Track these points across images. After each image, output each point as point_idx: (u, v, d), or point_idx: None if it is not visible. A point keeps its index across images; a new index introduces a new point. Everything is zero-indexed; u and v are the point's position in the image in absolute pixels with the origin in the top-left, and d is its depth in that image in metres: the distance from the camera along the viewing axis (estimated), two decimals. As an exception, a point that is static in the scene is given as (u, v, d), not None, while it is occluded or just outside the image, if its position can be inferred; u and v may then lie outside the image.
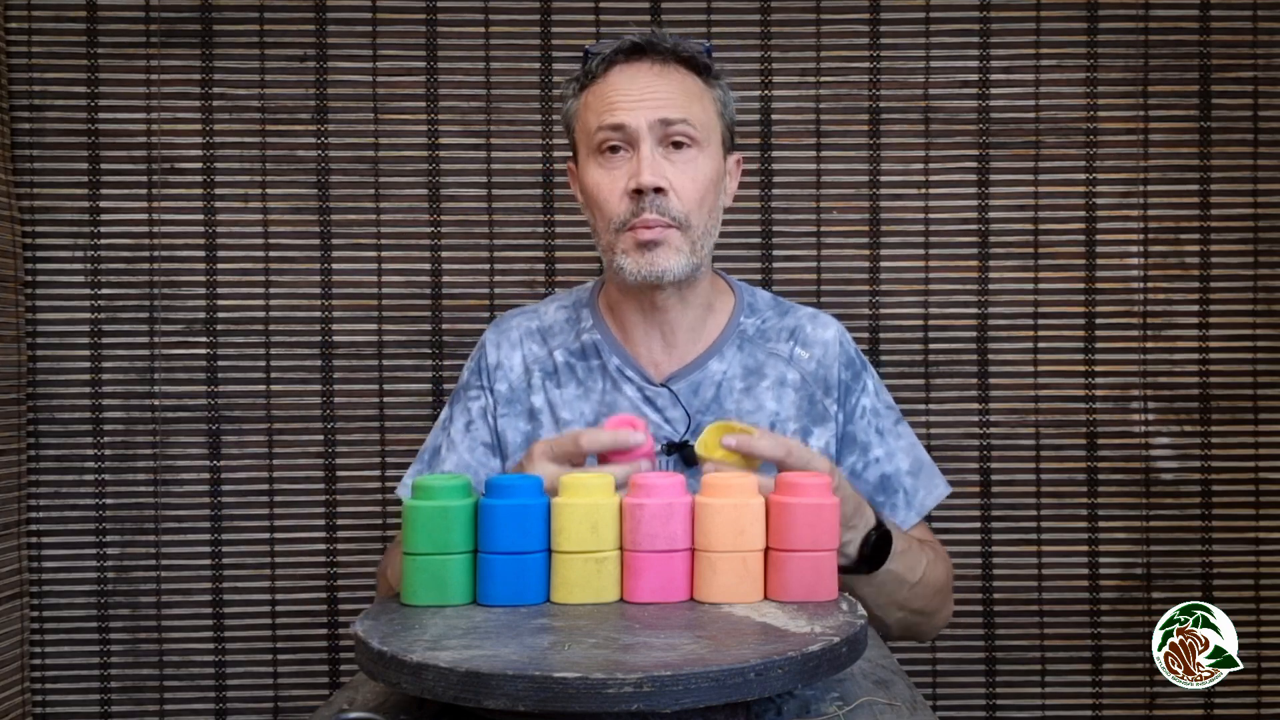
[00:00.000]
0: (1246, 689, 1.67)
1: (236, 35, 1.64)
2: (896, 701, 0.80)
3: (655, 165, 1.05)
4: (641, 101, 1.05)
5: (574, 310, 1.19)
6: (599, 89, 1.08)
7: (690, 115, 1.06)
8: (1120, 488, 1.67)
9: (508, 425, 1.15)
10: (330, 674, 1.67)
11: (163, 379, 1.65)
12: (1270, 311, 1.67)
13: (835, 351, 1.15)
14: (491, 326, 1.21)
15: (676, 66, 1.09)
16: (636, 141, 1.05)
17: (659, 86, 1.06)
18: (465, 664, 0.67)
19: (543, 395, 1.14)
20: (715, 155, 1.10)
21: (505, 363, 1.17)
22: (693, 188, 1.06)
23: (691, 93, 1.08)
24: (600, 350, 1.14)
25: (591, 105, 1.09)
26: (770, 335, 1.16)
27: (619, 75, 1.08)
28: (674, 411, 1.11)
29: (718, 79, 1.12)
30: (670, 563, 0.84)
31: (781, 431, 1.11)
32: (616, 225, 1.07)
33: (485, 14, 1.65)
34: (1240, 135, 1.66)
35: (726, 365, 1.13)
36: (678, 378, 1.13)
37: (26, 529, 1.63)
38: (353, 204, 1.66)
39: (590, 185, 1.09)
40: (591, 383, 1.14)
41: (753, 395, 1.12)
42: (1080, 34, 1.66)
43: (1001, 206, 1.67)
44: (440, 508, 0.83)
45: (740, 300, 1.18)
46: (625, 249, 1.06)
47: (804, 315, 1.18)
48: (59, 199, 1.64)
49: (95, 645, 1.65)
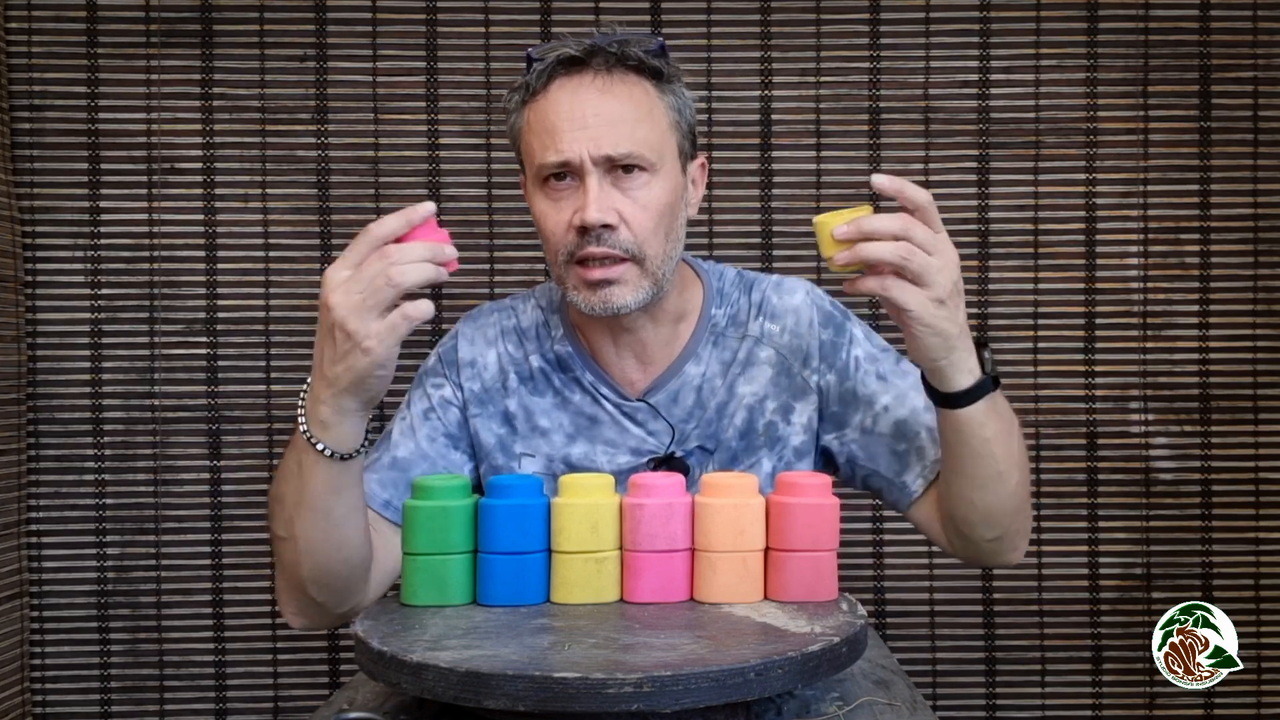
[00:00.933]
0: (1246, 689, 1.67)
1: (236, 35, 1.64)
2: (896, 701, 0.80)
3: (602, 199, 0.97)
4: (584, 130, 0.97)
5: (546, 314, 1.13)
6: (540, 107, 1.01)
7: (637, 142, 0.98)
8: (1120, 488, 1.67)
9: (481, 426, 1.10)
10: (330, 674, 1.67)
11: (163, 379, 1.65)
12: (1270, 311, 1.67)
13: (808, 316, 1.09)
14: (465, 319, 1.15)
15: (623, 76, 1.01)
16: (581, 174, 0.98)
17: (603, 109, 0.98)
18: (465, 664, 0.67)
19: (518, 400, 1.10)
20: (670, 174, 1.02)
21: (479, 360, 1.11)
22: (644, 217, 0.99)
23: (640, 109, 1.00)
24: (573, 364, 1.09)
25: (534, 128, 1.01)
26: (740, 318, 1.10)
27: (559, 92, 1.00)
28: (656, 424, 1.07)
29: (670, 82, 1.04)
30: (670, 563, 0.84)
31: (760, 411, 1.07)
32: (564, 258, 1.00)
33: (485, 14, 1.65)
34: (1240, 135, 1.66)
35: (704, 366, 1.08)
36: (655, 390, 1.07)
37: (26, 529, 1.63)
38: (353, 204, 1.66)
39: (537, 214, 1.03)
40: (569, 393, 1.09)
41: (729, 386, 1.08)
42: (1080, 34, 1.66)
43: (1001, 206, 1.67)
44: (440, 508, 0.83)
45: (709, 289, 1.11)
46: (575, 285, 1.01)
47: (768, 286, 1.12)
48: (59, 199, 1.64)
49: (95, 645, 1.65)
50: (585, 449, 1.08)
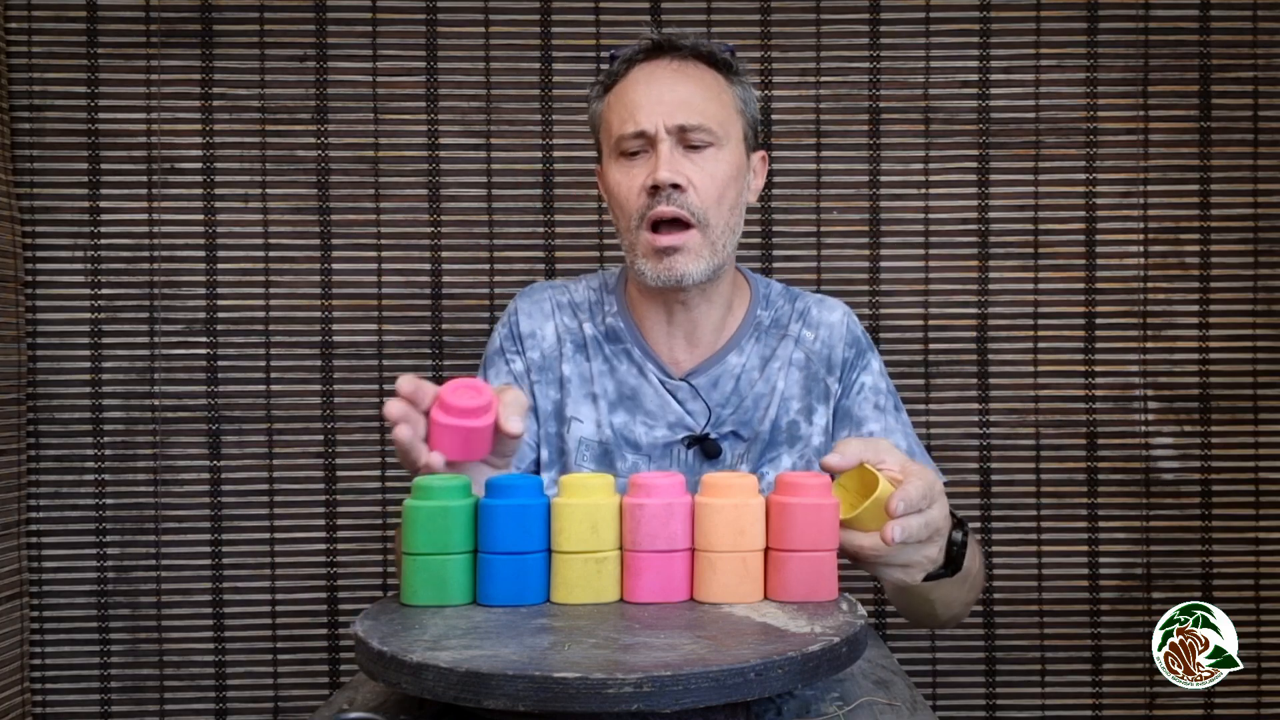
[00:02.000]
0: (1246, 689, 1.67)
1: (236, 35, 1.64)
2: (896, 701, 0.80)
3: (673, 162, 1.06)
4: (660, 104, 1.07)
5: (600, 294, 1.21)
6: (620, 90, 1.11)
7: (707, 117, 1.08)
8: (1120, 488, 1.67)
9: (539, 393, 1.17)
10: (330, 674, 1.67)
11: (163, 379, 1.65)
12: (1270, 311, 1.67)
13: (841, 332, 1.17)
14: (520, 295, 1.22)
15: (695, 63, 1.11)
16: (655, 143, 1.07)
17: (677, 86, 1.08)
18: (465, 664, 0.67)
19: (573, 365, 1.17)
20: (735, 151, 1.11)
21: (538, 331, 1.18)
22: (711, 184, 1.08)
23: (710, 90, 1.10)
24: (623, 337, 1.17)
25: (613, 107, 1.11)
26: (782, 321, 1.18)
27: (638, 74, 1.10)
28: (694, 404, 1.14)
29: (740, 76, 1.14)
30: (670, 563, 0.83)
31: (785, 410, 1.14)
32: (635, 220, 1.08)
33: (485, 14, 1.65)
34: (1240, 135, 1.66)
35: (745, 358, 1.16)
36: (698, 372, 1.15)
37: (26, 529, 1.63)
38: (353, 204, 1.66)
39: (612, 185, 1.11)
40: (616, 363, 1.16)
41: (766, 378, 1.15)
42: (1080, 34, 1.66)
43: (1001, 206, 1.67)
44: (440, 508, 0.83)
45: (756, 293, 1.20)
46: (645, 253, 1.09)
47: (812, 300, 1.21)
48: (59, 199, 1.64)
49: (95, 645, 1.65)
50: (625, 419, 1.14)
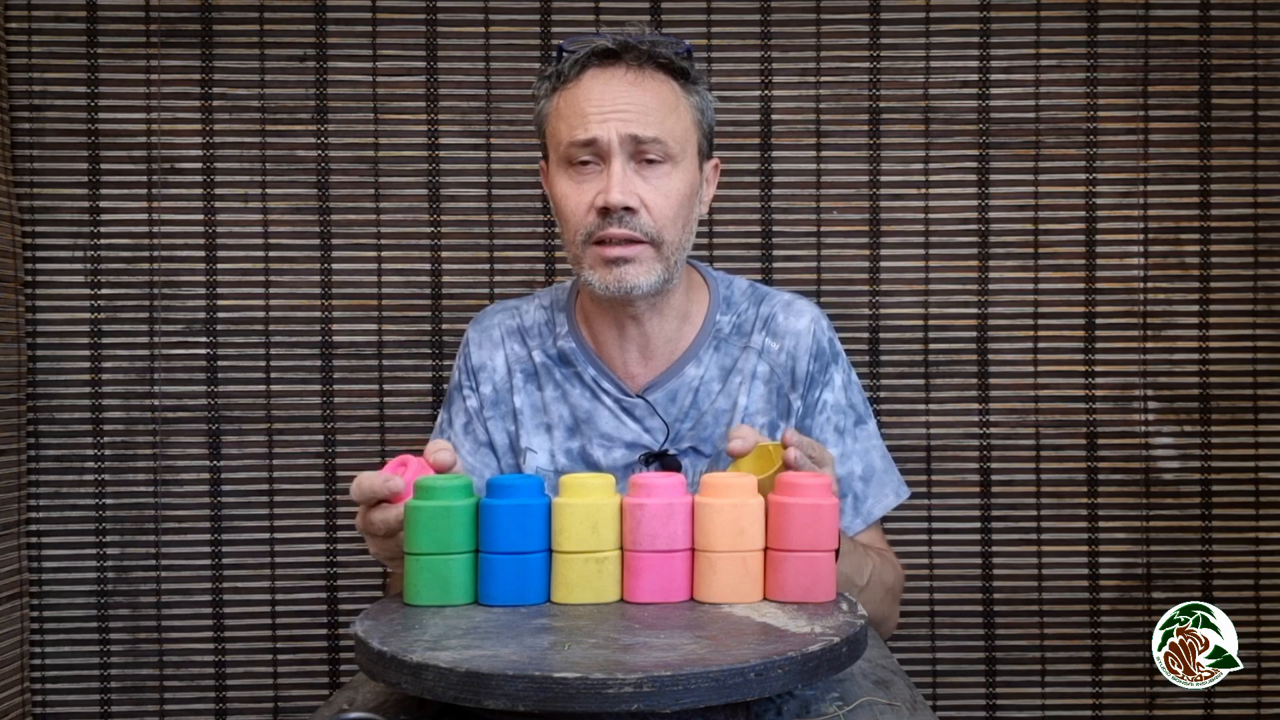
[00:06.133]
0: (1246, 689, 1.67)
1: (236, 35, 1.64)
2: (896, 701, 0.80)
3: (625, 183, 1.01)
4: (614, 113, 1.01)
5: (551, 313, 1.17)
6: (571, 94, 1.04)
7: (664, 131, 1.02)
8: (1120, 488, 1.67)
9: (494, 428, 1.14)
10: (330, 674, 1.67)
11: (163, 379, 1.65)
12: (1270, 311, 1.67)
13: (806, 343, 1.12)
14: (473, 324, 1.19)
15: (653, 73, 1.05)
16: (607, 156, 1.02)
17: (633, 98, 1.02)
18: (465, 664, 0.67)
19: (524, 396, 1.13)
20: (690, 168, 1.06)
21: (489, 364, 1.15)
22: (665, 204, 1.03)
23: (667, 103, 1.04)
24: (575, 359, 1.13)
25: (563, 112, 1.04)
26: (745, 328, 1.14)
27: (592, 81, 1.03)
28: (652, 421, 1.10)
29: (696, 83, 1.08)
30: (670, 563, 0.84)
31: (749, 423, 1.10)
32: (582, 238, 1.04)
33: (485, 14, 1.65)
34: (1240, 135, 1.66)
35: (703, 369, 1.11)
36: (654, 387, 1.11)
37: (26, 529, 1.63)
38: (353, 204, 1.66)
39: (559, 196, 1.06)
40: (569, 387, 1.12)
41: (727, 393, 1.11)
42: (1080, 34, 1.66)
43: (1001, 206, 1.67)
44: (442, 507, 0.83)
45: (715, 296, 1.15)
46: (592, 264, 1.04)
47: (779, 303, 1.15)
48: (59, 199, 1.64)
49: (95, 645, 1.65)
50: (582, 443, 1.11)
